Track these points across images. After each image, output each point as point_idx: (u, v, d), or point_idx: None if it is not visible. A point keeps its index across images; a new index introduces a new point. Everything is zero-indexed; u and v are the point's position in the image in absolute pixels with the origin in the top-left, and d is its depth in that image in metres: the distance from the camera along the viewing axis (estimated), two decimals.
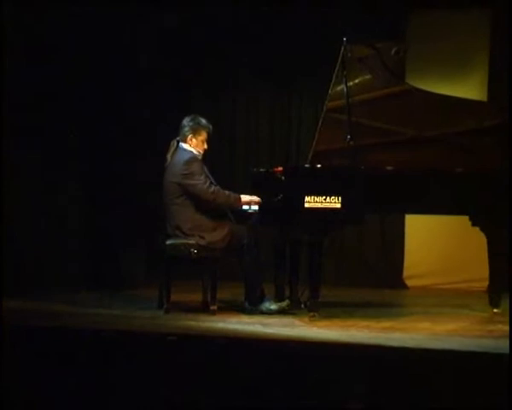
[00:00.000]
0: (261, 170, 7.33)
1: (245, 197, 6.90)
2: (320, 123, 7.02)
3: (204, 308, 6.85)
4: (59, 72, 8.14)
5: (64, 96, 8.25)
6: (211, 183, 6.87)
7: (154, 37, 8.94)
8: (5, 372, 5.18)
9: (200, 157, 6.90)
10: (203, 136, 6.91)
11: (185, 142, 6.90)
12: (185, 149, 6.89)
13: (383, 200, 6.85)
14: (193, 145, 6.89)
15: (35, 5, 7.86)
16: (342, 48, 6.84)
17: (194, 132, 6.89)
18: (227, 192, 6.88)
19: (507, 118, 7.14)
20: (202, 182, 6.79)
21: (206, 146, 6.94)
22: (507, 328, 6.43)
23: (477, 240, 7.28)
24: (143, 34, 8.83)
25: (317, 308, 6.63)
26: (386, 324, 6.56)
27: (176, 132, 6.97)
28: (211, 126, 6.95)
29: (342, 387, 4.98)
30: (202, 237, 6.78)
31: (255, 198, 6.90)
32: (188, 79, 9.20)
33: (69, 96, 8.28)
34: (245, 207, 6.91)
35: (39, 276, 7.91)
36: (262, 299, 6.88)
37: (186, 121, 6.92)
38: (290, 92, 9.53)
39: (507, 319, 6.85)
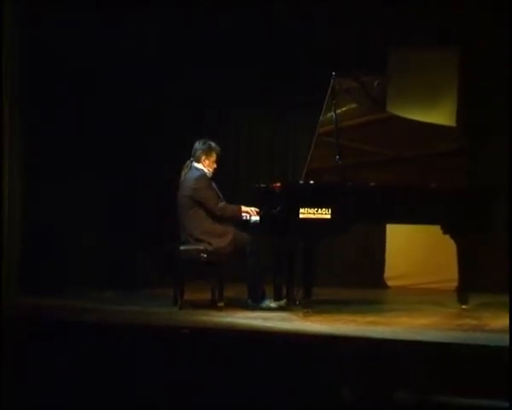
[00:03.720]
0: (262, 186, 7.32)
1: (245, 208, 6.94)
2: (313, 145, 7.03)
3: (212, 305, 6.81)
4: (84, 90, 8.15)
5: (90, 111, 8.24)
6: (219, 198, 6.92)
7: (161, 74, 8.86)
8: (33, 364, 5.19)
9: (209, 175, 6.94)
10: (214, 157, 6.94)
11: (198, 162, 6.93)
12: (197, 168, 6.92)
13: (367, 211, 6.85)
14: (205, 165, 6.92)
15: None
16: (332, 80, 6.86)
17: (207, 154, 6.92)
18: (231, 206, 6.93)
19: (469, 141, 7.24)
20: (211, 199, 6.82)
21: (215, 166, 6.98)
22: (474, 322, 6.48)
23: (448, 246, 7.30)
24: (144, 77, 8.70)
25: (310, 305, 6.64)
26: (370, 318, 6.56)
27: (188, 153, 7.01)
28: (219, 149, 7.00)
29: (332, 373, 4.99)
30: (210, 244, 6.79)
31: (254, 209, 6.93)
32: (197, 110, 9.20)
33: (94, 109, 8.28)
34: (246, 217, 6.93)
35: (69, 277, 7.90)
36: (263, 297, 6.88)
37: (199, 145, 6.95)
38: (287, 118, 9.53)
39: (474, 314, 6.91)
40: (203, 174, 6.89)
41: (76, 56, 8.08)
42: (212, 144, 6.96)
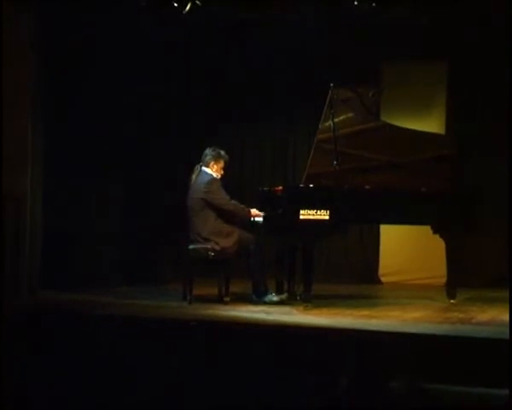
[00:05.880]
0: (265, 189, 7.34)
1: (254, 211, 6.98)
2: (312, 151, 7.04)
3: (219, 300, 6.83)
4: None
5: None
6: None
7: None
8: (44, 357, 5.21)
9: (218, 178, 6.98)
10: (222, 163, 6.96)
11: (207, 167, 6.95)
12: (207, 173, 6.94)
13: (363, 213, 6.88)
14: (214, 170, 6.95)
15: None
16: (330, 91, 6.88)
17: (215, 160, 6.95)
18: (242, 206, 6.97)
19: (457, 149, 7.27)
20: (223, 197, 6.87)
21: (223, 172, 7.00)
22: (461, 315, 6.49)
23: (437, 245, 7.31)
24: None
25: (310, 300, 6.64)
26: (366, 312, 6.57)
27: (197, 160, 7.05)
28: (228, 157, 7.03)
29: (330, 362, 5.01)
30: (217, 243, 6.82)
31: (260, 213, 6.97)
32: (208, 124, 9.21)
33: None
34: (253, 218, 6.98)
35: (91, 274, 7.92)
36: (265, 292, 6.88)
37: (208, 151, 6.98)
38: (288, 126, 9.55)
39: (461, 308, 6.92)
40: (213, 177, 6.92)
41: (89, 58, 8.00)
42: (222, 152, 6.99)
